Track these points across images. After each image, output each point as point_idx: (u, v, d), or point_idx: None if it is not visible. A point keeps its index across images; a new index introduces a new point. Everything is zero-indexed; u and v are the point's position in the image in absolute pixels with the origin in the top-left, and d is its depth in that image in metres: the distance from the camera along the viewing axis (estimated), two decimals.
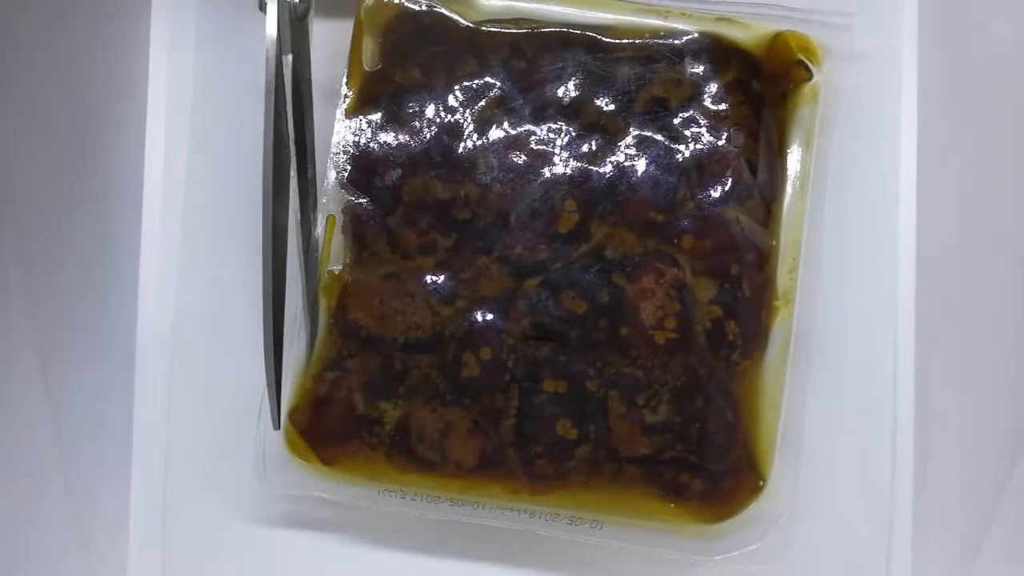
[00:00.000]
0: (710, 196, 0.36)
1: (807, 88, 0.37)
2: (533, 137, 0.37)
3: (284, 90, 0.35)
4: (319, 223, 0.37)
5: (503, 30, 0.37)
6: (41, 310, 0.35)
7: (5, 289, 0.33)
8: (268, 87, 0.35)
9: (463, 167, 0.37)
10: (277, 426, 0.36)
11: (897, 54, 0.40)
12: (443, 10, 0.37)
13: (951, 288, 0.39)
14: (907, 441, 0.39)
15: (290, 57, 0.35)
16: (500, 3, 0.38)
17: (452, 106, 0.37)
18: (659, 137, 0.37)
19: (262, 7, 0.35)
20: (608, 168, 0.37)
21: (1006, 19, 0.37)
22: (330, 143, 0.37)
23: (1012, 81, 0.36)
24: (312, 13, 0.37)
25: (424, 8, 0.37)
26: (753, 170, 0.37)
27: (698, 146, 0.37)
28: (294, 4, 0.35)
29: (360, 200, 0.37)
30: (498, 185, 0.37)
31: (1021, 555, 0.34)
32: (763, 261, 0.37)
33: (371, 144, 0.37)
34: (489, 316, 0.36)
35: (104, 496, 0.40)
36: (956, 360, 0.38)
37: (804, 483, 0.37)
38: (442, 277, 0.37)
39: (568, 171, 0.37)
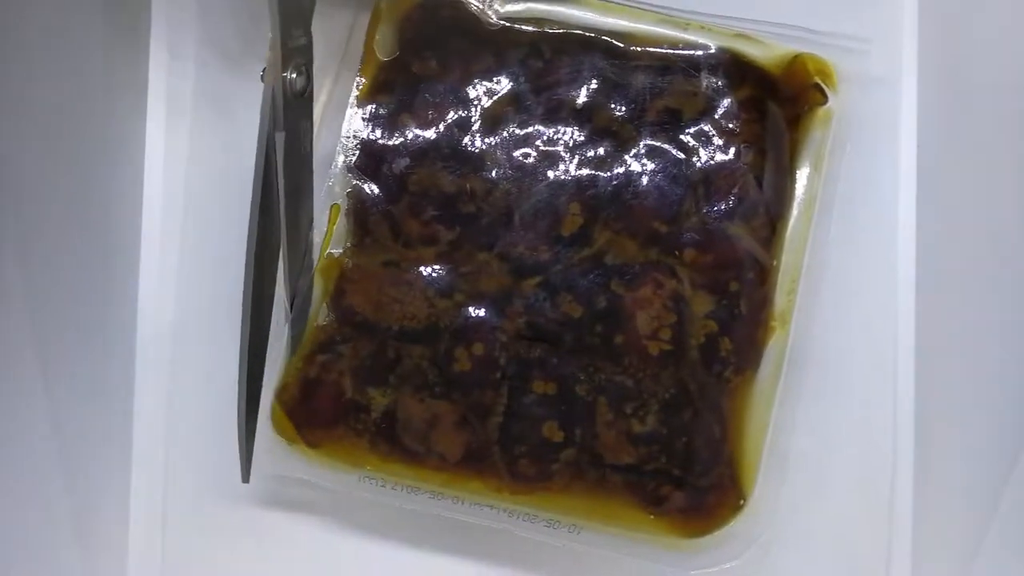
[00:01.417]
0: (715, 211, 0.36)
1: (821, 112, 0.37)
2: (543, 138, 0.37)
3: (275, 166, 0.35)
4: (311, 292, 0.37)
5: (523, 28, 0.37)
6: (41, 310, 0.35)
7: (5, 289, 0.33)
8: (257, 166, 0.35)
9: (471, 162, 0.37)
10: (246, 479, 0.37)
11: (899, 82, 0.40)
12: (465, 4, 0.37)
13: (951, 320, 0.39)
14: (907, 447, 0.40)
15: (283, 135, 0.35)
16: (523, 2, 0.38)
17: (466, 100, 0.37)
18: (669, 148, 0.37)
19: (263, 79, 0.35)
20: (616, 175, 0.37)
21: (1002, 44, 0.37)
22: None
23: (1014, 104, 0.36)
24: (312, 90, 0.37)
25: (446, 1, 0.37)
26: (761, 188, 0.37)
27: (707, 160, 0.37)
28: (291, 79, 0.35)
29: (366, 185, 0.37)
30: (505, 182, 0.37)
31: (1021, 555, 0.34)
32: (763, 280, 0.37)
33: (381, 131, 0.37)
34: (485, 312, 0.36)
35: (104, 496, 0.40)
36: (963, 366, 0.38)
37: (788, 505, 0.37)
38: (442, 269, 0.37)
39: (575, 174, 0.37)
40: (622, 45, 0.37)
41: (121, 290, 0.40)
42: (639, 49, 0.37)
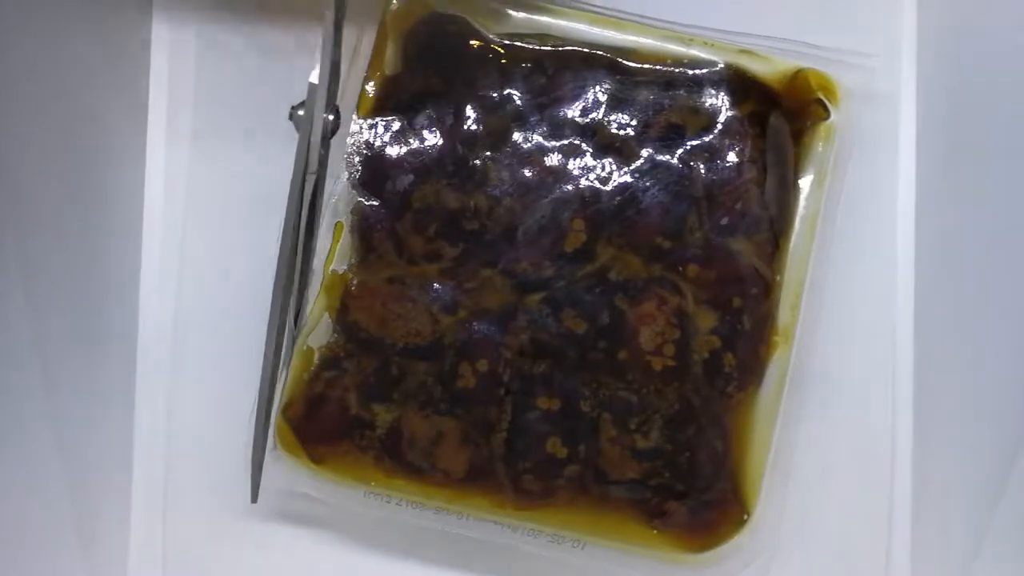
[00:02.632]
0: (719, 227, 0.37)
1: (823, 127, 0.37)
2: (547, 154, 0.37)
3: (302, 208, 0.35)
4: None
5: (526, 45, 0.37)
6: (41, 311, 0.35)
7: (5, 289, 0.33)
8: (289, 208, 0.35)
9: (475, 178, 0.37)
10: (255, 499, 0.37)
11: (898, 96, 0.40)
12: (469, 20, 0.37)
13: (950, 329, 0.39)
14: (905, 450, 0.40)
15: (314, 176, 0.35)
16: (525, 18, 0.38)
17: (469, 116, 0.37)
18: (673, 164, 0.37)
19: (292, 117, 0.35)
20: (619, 191, 0.37)
21: (1001, 56, 0.37)
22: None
23: (1013, 116, 0.36)
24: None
25: (450, 16, 0.37)
26: (764, 204, 0.37)
27: (711, 176, 0.37)
28: (327, 121, 0.35)
29: (370, 202, 0.37)
30: (508, 199, 0.37)
31: (1021, 555, 0.34)
32: (766, 295, 0.37)
33: (385, 148, 0.37)
34: (489, 328, 0.37)
35: (104, 496, 0.40)
36: (954, 389, 0.39)
37: (790, 520, 0.37)
38: (445, 286, 0.37)
39: (579, 190, 0.37)
40: (625, 61, 0.37)
41: (121, 290, 0.40)
42: (642, 66, 0.37)
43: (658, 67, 0.37)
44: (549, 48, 0.37)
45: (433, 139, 0.37)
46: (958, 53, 0.39)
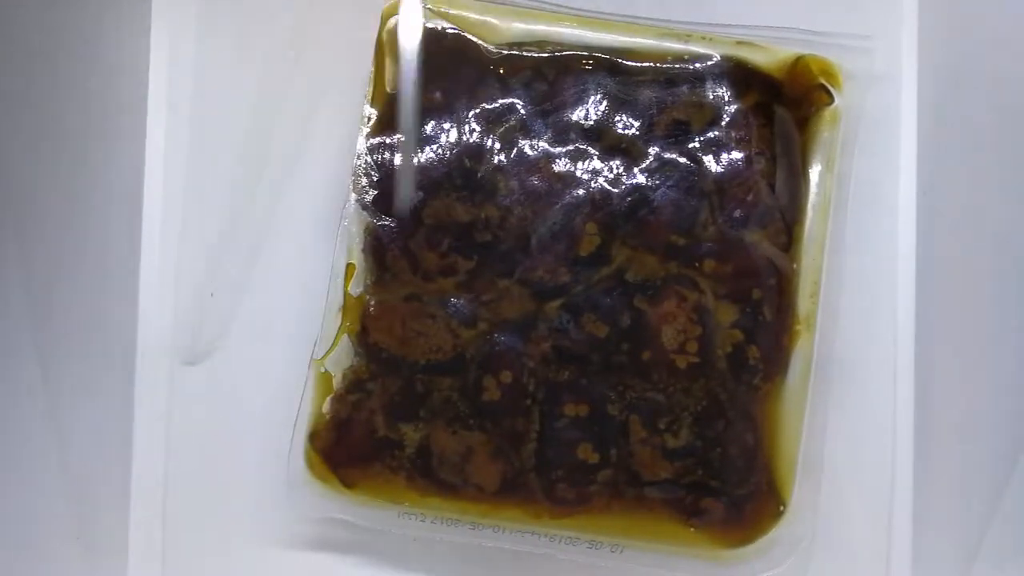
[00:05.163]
0: (732, 220, 0.36)
1: (828, 112, 0.37)
2: (554, 160, 0.37)
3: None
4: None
5: (525, 53, 0.37)
6: (41, 311, 0.35)
7: (5, 289, 0.33)
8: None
9: (484, 190, 0.37)
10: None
11: (900, 77, 0.40)
12: (465, 33, 0.37)
13: (953, 316, 0.39)
14: (907, 443, 0.40)
15: None
16: (522, 26, 0.38)
17: (473, 129, 0.37)
18: (681, 160, 0.37)
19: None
20: (629, 191, 0.37)
21: (1004, 33, 0.37)
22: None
23: (1015, 97, 0.36)
24: None
25: (446, 31, 0.37)
26: (775, 194, 0.37)
27: (720, 170, 0.37)
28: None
29: (381, 222, 0.37)
30: (519, 208, 0.37)
31: (1021, 555, 0.34)
32: (784, 285, 0.37)
33: (392, 166, 0.37)
34: (510, 339, 0.36)
35: (104, 496, 0.40)
36: (963, 366, 0.39)
37: (826, 508, 0.37)
38: (463, 299, 0.37)
39: (589, 194, 0.37)
40: (625, 62, 0.37)
41: (121, 290, 0.40)
42: (642, 65, 0.37)
43: (658, 65, 0.37)
44: (548, 54, 0.37)
45: (439, 154, 0.37)
46: (959, 30, 0.39)
